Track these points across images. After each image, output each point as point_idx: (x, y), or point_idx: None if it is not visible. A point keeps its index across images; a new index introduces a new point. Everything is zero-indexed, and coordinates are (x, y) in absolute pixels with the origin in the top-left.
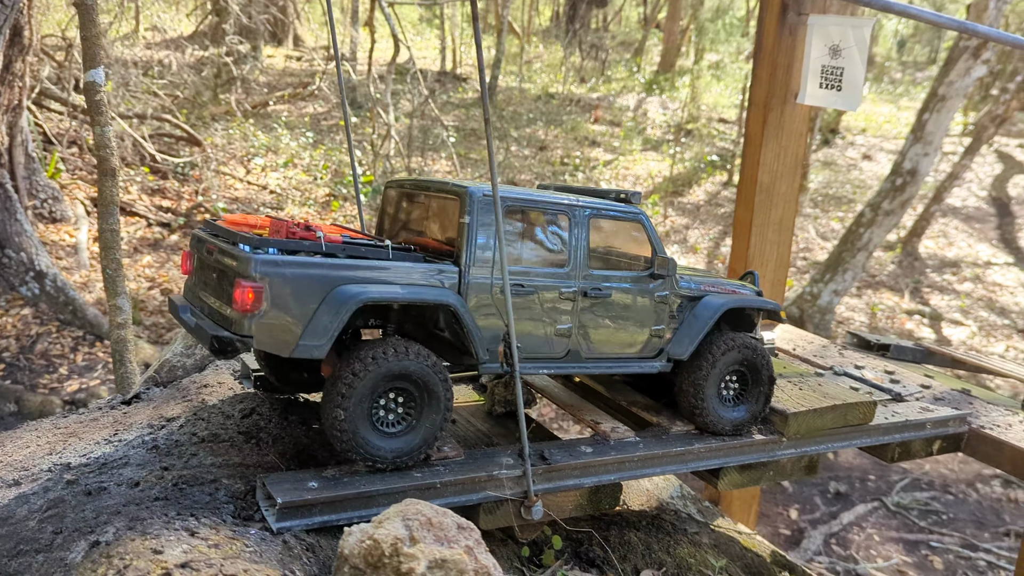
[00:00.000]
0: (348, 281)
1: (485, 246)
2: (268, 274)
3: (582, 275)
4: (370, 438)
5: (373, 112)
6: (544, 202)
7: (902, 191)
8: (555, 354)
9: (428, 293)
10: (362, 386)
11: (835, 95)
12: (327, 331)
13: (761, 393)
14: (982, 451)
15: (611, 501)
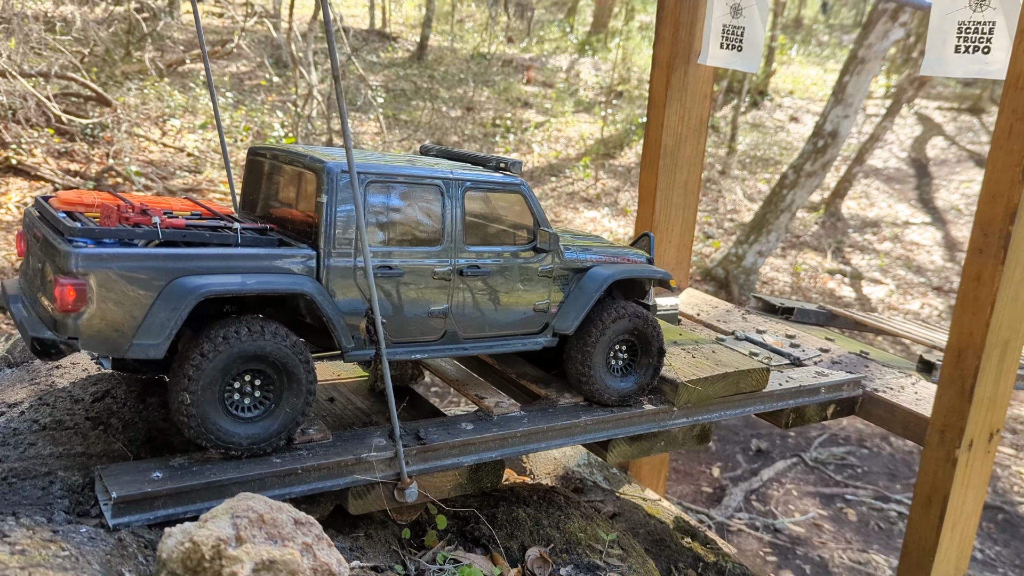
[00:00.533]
0: (189, 272)
1: (346, 226)
2: (92, 269)
3: (458, 253)
4: (222, 423)
5: (295, 71)
6: (414, 176)
7: (823, 153)
8: (429, 337)
9: (280, 282)
10: (211, 368)
11: (736, 55)
12: (164, 329)
13: (651, 364)
14: (875, 414)
15: (493, 479)
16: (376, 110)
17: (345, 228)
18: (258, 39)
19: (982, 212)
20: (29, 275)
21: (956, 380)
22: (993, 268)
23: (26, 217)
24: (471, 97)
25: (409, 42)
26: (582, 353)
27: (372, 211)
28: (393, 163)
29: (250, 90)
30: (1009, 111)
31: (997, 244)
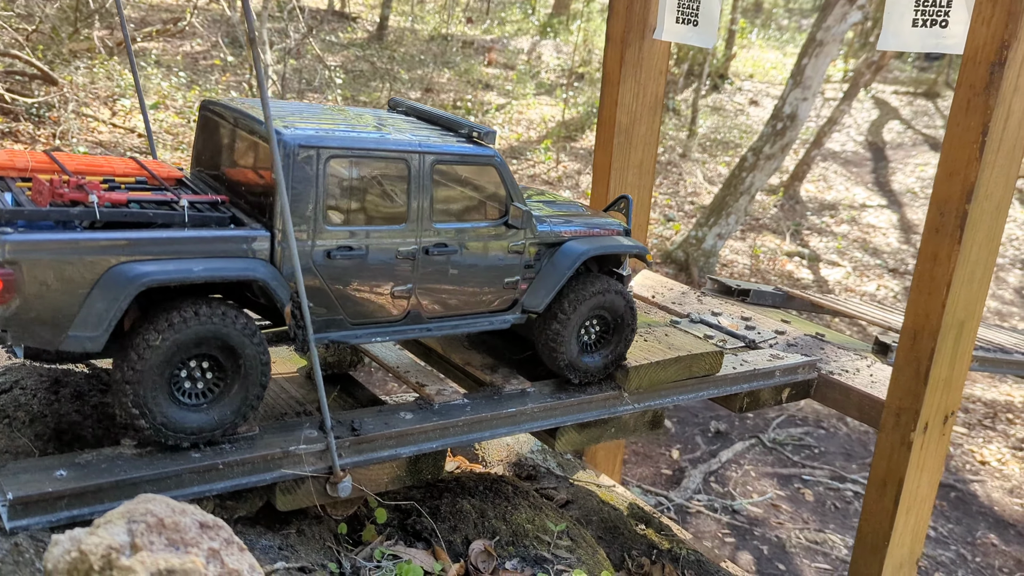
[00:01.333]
0: (128, 258)
1: (303, 206)
2: (20, 258)
3: (424, 231)
4: (170, 413)
5: (250, 51)
6: (377, 150)
7: (782, 135)
8: (391, 318)
9: (230, 268)
10: (157, 355)
11: (692, 30)
12: (102, 320)
13: (625, 338)
14: (831, 397)
15: (434, 470)
16: (334, 91)
17: (299, 206)
18: (214, 18)
19: (938, 191)
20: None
21: (911, 362)
22: (949, 248)
23: None
24: (431, 78)
25: (369, 22)
26: (552, 330)
27: (330, 186)
28: (358, 134)
29: (204, 70)
30: (966, 86)
31: (953, 223)
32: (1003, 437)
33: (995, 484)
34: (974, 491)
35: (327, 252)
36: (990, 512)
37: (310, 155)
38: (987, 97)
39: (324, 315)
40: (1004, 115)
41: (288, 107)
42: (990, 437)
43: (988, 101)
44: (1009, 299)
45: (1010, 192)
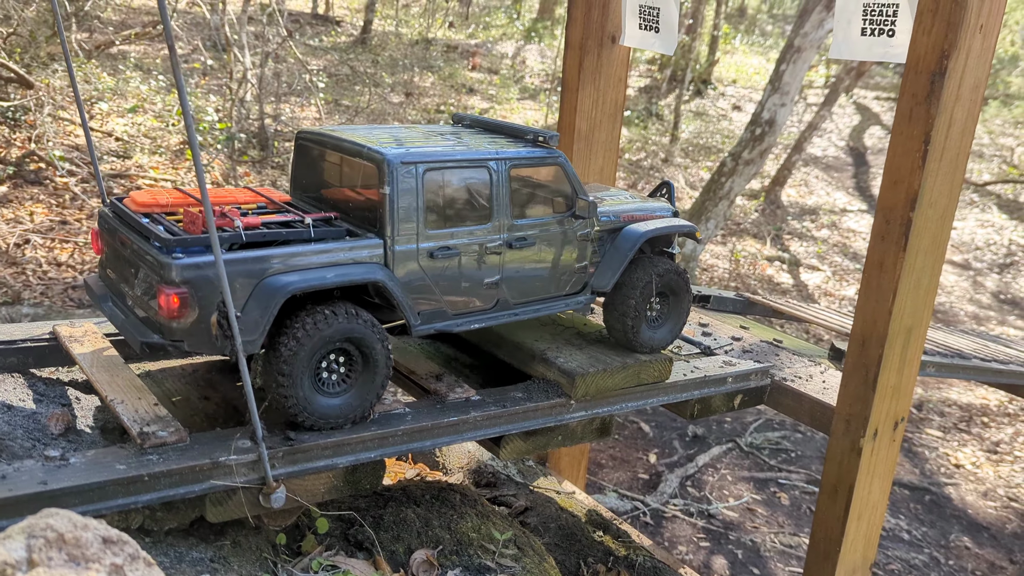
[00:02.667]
0: (273, 271)
1: (408, 214)
2: (191, 279)
3: (506, 226)
4: (312, 399)
5: (230, 54)
6: (463, 160)
7: (761, 141)
8: (485, 307)
9: (356, 272)
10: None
11: (654, 37)
12: (258, 326)
13: (683, 311)
14: (784, 403)
15: (373, 480)
16: (317, 95)
17: (406, 216)
18: (195, 20)
19: (884, 198)
20: (115, 276)
21: (860, 369)
22: (895, 255)
23: (102, 219)
24: (415, 82)
25: (353, 26)
26: (623, 307)
27: (428, 195)
28: (443, 147)
29: (185, 74)
30: (908, 95)
31: (898, 231)
32: (978, 440)
33: (969, 487)
34: (948, 494)
35: (430, 253)
36: (964, 515)
37: (410, 170)
38: (928, 106)
39: (431, 308)
40: (946, 124)
41: (372, 130)
42: (965, 440)
43: (929, 110)
44: (987, 303)
45: (955, 200)
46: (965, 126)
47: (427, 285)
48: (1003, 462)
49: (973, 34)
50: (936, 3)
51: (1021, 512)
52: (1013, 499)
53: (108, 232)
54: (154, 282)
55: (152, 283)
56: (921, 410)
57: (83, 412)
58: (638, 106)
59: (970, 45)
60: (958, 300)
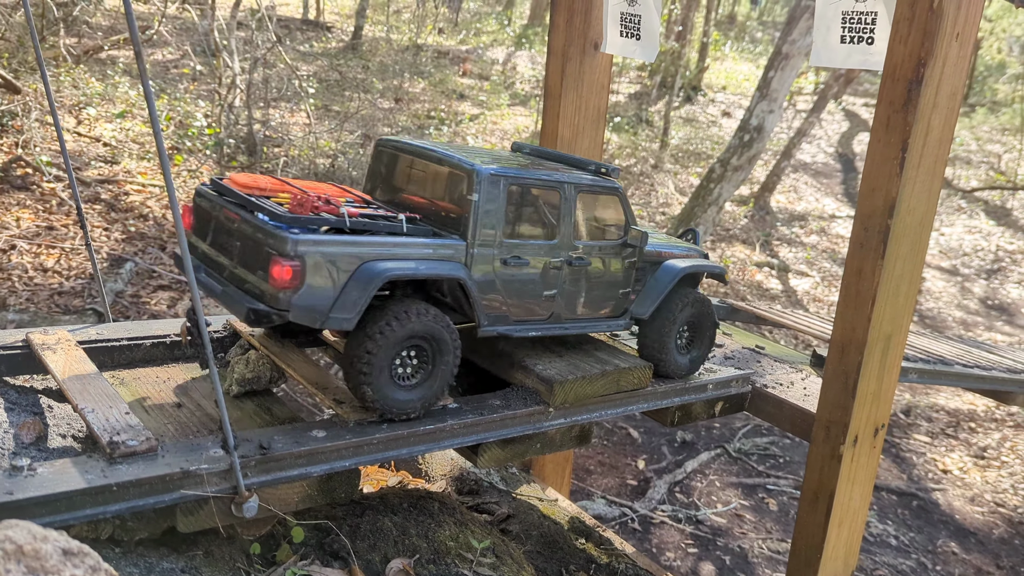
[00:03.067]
0: (372, 257)
1: (488, 222)
2: (304, 253)
3: (568, 246)
4: (388, 390)
5: (219, 60)
6: (542, 180)
7: (749, 147)
8: (541, 317)
9: (443, 268)
10: (388, 343)
11: (635, 44)
12: (356, 305)
13: (706, 339)
14: (764, 410)
15: (348, 489)
16: (307, 100)
17: (487, 223)
18: (184, 26)
19: (862, 206)
20: (212, 249)
21: (840, 376)
22: (873, 262)
23: (200, 196)
24: (406, 88)
25: (344, 32)
26: (658, 335)
27: (508, 207)
28: (524, 167)
29: (174, 79)
30: (886, 103)
31: (877, 238)
32: (965, 446)
33: (957, 492)
34: (936, 500)
35: (503, 259)
36: (951, 520)
37: (496, 182)
38: (906, 114)
39: (496, 312)
40: (923, 131)
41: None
42: (952, 446)
43: (907, 118)
44: (975, 309)
45: (933, 207)
46: (942, 134)
47: (497, 289)
48: (990, 467)
49: (949, 42)
50: (912, 12)
51: (1008, 517)
52: (1000, 504)
53: (208, 208)
54: (266, 255)
55: (264, 257)
56: (909, 415)
57: (55, 421)
58: (628, 112)
59: (947, 53)
60: (946, 306)
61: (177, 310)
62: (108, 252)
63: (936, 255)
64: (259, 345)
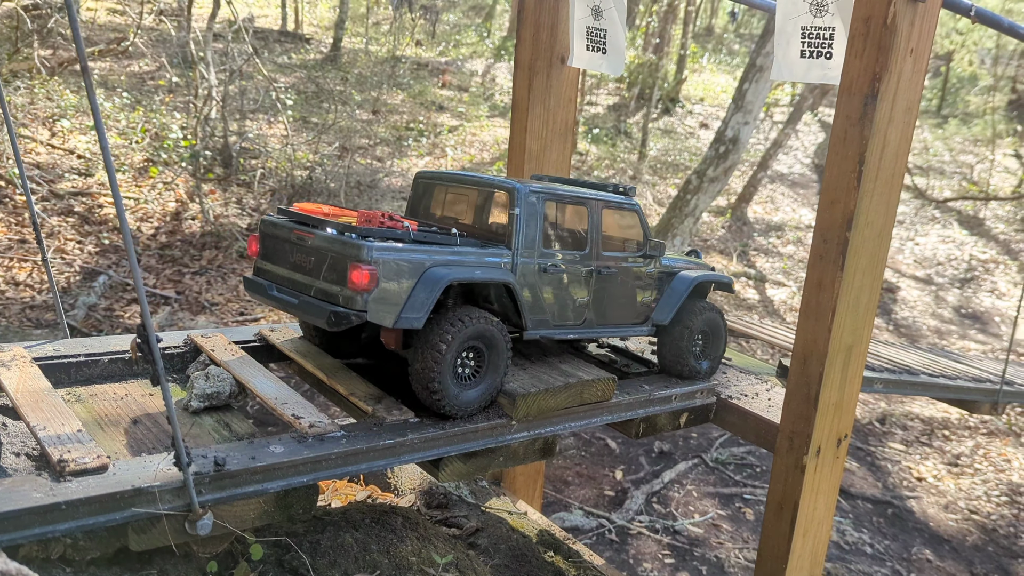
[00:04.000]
0: (434, 264)
1: (528, 234)
2: (379, 259)
3: (596, 256)
4: (451, 389)
5: (195, 71)
6: (571, 196)
7: (725, 158)
8: (575, 322)
9: (496, 274)
10: (452, 345)
11: (601, 58)
12: (424, 306)
13: (720, 345)
14: (729, 421)
15: (306, 505)
16: (284, 112)
17: (527, 235)
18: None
19: (822, 218)
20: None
21: (802, 387)
22: (833, 274)
23: (268, 225)
24: (384, 99)
25: (323, 44)
26: (677, 341)
27: (545, 220)
28: (556, 186)
29: (150, 90)
30: (843, 117)
31: (836, 250)
32: (939, 454)
33: (931, 500)
34: (911, 507)
35: (543, 268)
36: (926, 528)
37: (534, 198)
38: (862, 128)
39: (537, 316)
40: (880, 145)
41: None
42: (927, 454)
43: (863, 132)
44: (948, 317)
45: (891, 219)
46: (899, 147)
47: (539, 294)
48: (964, 475)
49: (904, 57)
50: (867, 27)
51: (981, 524)
52: (973, 512)
53: (276, 232)
54: (346, 263)
55: (341, 264)
56: (884, 424)
57: (10, 439)
58: (607, 124)
59: (901, 68)
60: (921, 315)
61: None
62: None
63: (911, 264)
64: (219, 360)
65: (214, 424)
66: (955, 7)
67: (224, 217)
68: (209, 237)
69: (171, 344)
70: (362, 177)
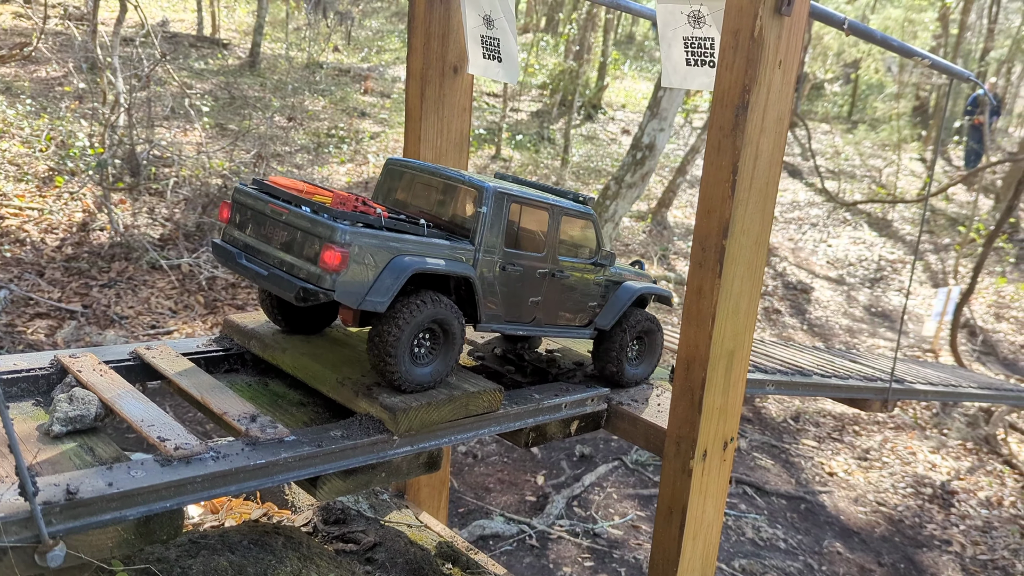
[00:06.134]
0: (402, 252)
1: (492, 232)
2: (352, 242)
3: (552, 260)
4: (407, 366)
5: (103, 77)
6: (534, 200)
7: (642, 164)
8: (525, 320)
9: (459, 267)
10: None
11: (498, 66)
12: (389, 291)
13: (656, 353)
14: (621, 427)
15: (170, 531)
16: (200, 119)
17: (490, 231)
18: (69, 42)
19: (699, 227)
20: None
21: (687, 392)
22: (711, 281)
23: (241, 193)
24: (304, 106)
25: (241, 49)
26: (615, 351)
27: (508, 220)
28: (522, 189)
29: (57, 96)
30: (716, 128)
31: (713, 258)
32: (849, 448)
33: (842, 494)
34: (822, 502)
35: (502, 266)
36: (837, 521)
37: (500, 198)
38: (734, 138)
39: (492, 310)
40: (753, 155)
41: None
42: (838, 449)
43: (735, 142)
44: (860, 316)
45: (767, 227)
46: (772, 156)
47: (495, 290)
48: (872, 468)
49: (773, 69)
50: (736, 40)
51: (888, 516)
52: (881, 504)
53: (250, 202)
54: (317, 242)
55: (314, 243)
56: (798, 421)
57: None
58: (530, 130)
59: (771, 80)
60: (834, 314)
61: (56, 339)
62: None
63: (824, 266)
64: (86, 382)
65: (76, 449)
66: (828, 20)
67: (135, 227)
68: (119, 248)
69: (36, 365)
70: None
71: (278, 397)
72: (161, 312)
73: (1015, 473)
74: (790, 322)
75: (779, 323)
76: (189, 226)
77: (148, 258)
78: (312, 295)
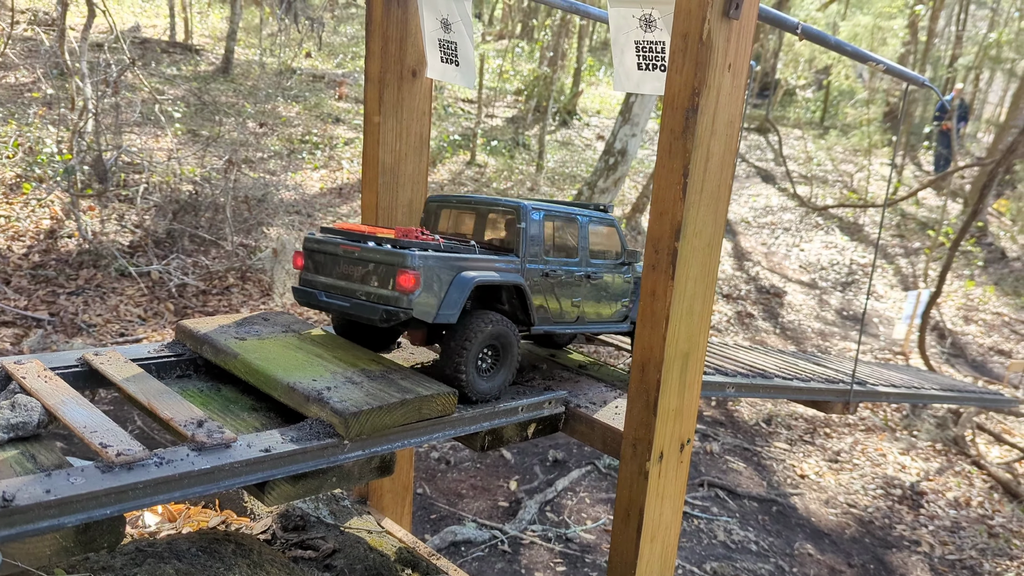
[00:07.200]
0: (463, 268)
1: (533, 244)
2: (421, 265)
3: (585, 263)
4: (474, 378)
5: (71, 83)
6: (567, 214)
7: (615, 170)
8: (571, 319)
9: (511, 277)
10: (478, 340)
11: (455, 70)
12: (457, 304)
13: None
14: (579, 430)
15: (111, 538)
16: (172, 125)
17: (531, 244)
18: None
19: (652, 230)
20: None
21: (642, 394)
22: (665, 283)
23: (311, 242)
24: (278, 112)
25: (214, 55)
26: None
27: (545, 232)
28: (552, 205)
29: (27, 103)
30: (667, 131)
31: (666, 260)
32: (820, 451)
33: (813, 496)
34: (794, 504)
35: (544, 272)
36: (808, 523)
37: (536, 214)
38: (685, 141)
39: (541, 314)
40: (703, 157)
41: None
42: (809, 452)
43: (686, 144)
44: (831, 320)
45: (720, 229)
46: (723, 159)
47: (542, 296)
48: (843, 470)
49: (722, 73)
50: (685, 43)
51: (859, 517)
52: (852, 505)
53: (320, 247)
54: (392, 270)
55: (388, 271)
56: (770, 424)
57: None
58: (505, 136)
59: (720, 83)
60: (806, 318)
61: (22, 347)
62: None
63: (796, 270)
64: (30, 388)
65: (18, 456)
66: (781, 24)
67: (103, 234)
68: (87, 255)
69: None
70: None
71: (230, 402)
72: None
73: (983, 474)
74: (763, 326)
75: (752, 327)
76: (159, 233)
77: (117, 265)
78: (393, 316)
